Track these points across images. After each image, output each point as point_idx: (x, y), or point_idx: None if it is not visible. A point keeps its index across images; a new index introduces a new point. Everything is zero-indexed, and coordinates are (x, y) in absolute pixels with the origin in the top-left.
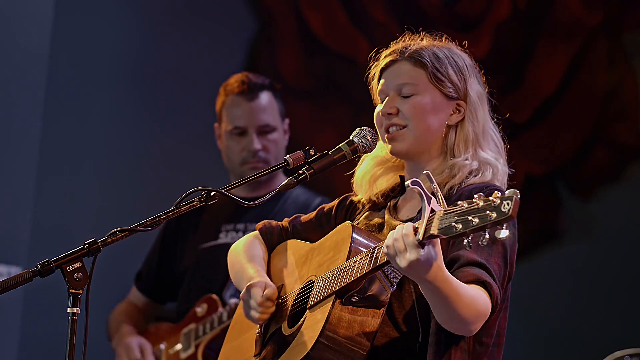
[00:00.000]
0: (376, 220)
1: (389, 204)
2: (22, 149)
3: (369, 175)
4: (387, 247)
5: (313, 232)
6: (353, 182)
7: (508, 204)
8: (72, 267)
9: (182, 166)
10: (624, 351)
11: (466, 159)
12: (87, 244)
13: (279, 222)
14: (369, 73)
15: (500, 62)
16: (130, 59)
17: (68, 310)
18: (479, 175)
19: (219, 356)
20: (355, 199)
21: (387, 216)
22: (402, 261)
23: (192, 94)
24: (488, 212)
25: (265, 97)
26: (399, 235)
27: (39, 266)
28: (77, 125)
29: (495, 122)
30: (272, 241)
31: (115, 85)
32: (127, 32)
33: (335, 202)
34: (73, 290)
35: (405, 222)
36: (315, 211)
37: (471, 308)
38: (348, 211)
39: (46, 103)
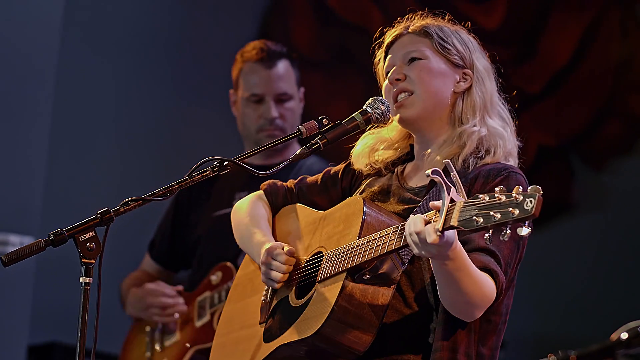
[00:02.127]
0: (379, 185)
1: (396, 170)
2: (34, 119)
3: (369, 149)
4: (410, 234)
5: (318, 195)
6: (351, 153)
7: (531, 201)
8: (85, 236)
9: (196, 134)
10: (639, 322)
11: (474, 126)
12: (99, 213)
13: (284, 184)
14: (376, 56)
15: (513, 33)
16: (145, 28)
17: (80, 280)
18: (492, 152)
19: (222, 315)
20: (354, 167)
21: (395, 184)
22: (423, 251)
23: (205, 65)
24: (511, 208)
25: (283, 65)
26: (413, 230)
27: (52, 236)
28: (90, 95)
29: (504, 99)
30: (277, 202)
31: (128, 54)
32: (142, 1)
33: (342, 165)
34: (86, 260)
35: (415, 190)
36: (322, 174)
37: (477, 290)
38: (353, 177)
39: (59, 73)
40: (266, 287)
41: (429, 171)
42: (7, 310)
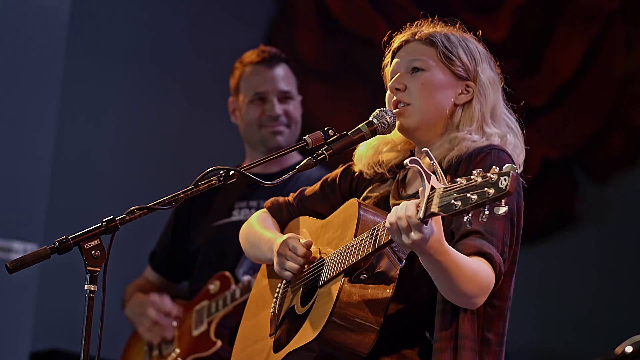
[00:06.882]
0: (381, 192)
1: (397, 176)
2: (39, 127)
3: (373, 150)
4: (391, 224)
5: (319, 204)
6: (354, 154)
7: (505, 179)
8: (90, 244)
9: (202, 143)
10: None
11: (468, 133)
12: (105, 221)
13: (286, 198)
14: (384, 59)
15: (518, 46)
16: (150, 37)
17: (85, 288)
18: (485, 138)
19: (238, 332)
20: (356, 168)
21: (392, 190)
22: (406, 239)
23: (211, 75)
24: (486, 188)
25: (283, 68)
26: (402, 214)
27: (57, 243)
28: (94, 103)
29: (510, 108)
30: (283, 217)
31: (133, 62)
32: (148, 8)
33: (339, 170)
34: (90, 268)
35: (411, 197)
36: (320, 182)
37: (472, 282)
38: (353, 180)
39: (64, 80)
40: (274, 299)
41: (407, 160)
42: (10, 316)
